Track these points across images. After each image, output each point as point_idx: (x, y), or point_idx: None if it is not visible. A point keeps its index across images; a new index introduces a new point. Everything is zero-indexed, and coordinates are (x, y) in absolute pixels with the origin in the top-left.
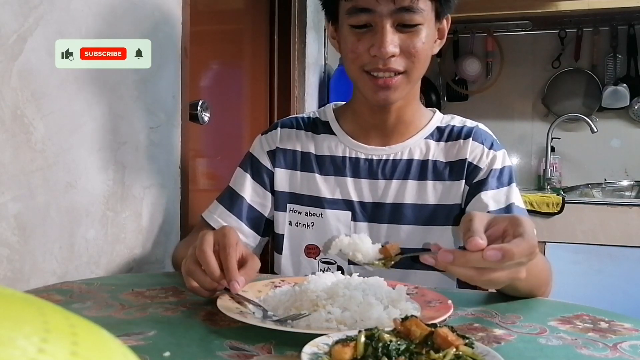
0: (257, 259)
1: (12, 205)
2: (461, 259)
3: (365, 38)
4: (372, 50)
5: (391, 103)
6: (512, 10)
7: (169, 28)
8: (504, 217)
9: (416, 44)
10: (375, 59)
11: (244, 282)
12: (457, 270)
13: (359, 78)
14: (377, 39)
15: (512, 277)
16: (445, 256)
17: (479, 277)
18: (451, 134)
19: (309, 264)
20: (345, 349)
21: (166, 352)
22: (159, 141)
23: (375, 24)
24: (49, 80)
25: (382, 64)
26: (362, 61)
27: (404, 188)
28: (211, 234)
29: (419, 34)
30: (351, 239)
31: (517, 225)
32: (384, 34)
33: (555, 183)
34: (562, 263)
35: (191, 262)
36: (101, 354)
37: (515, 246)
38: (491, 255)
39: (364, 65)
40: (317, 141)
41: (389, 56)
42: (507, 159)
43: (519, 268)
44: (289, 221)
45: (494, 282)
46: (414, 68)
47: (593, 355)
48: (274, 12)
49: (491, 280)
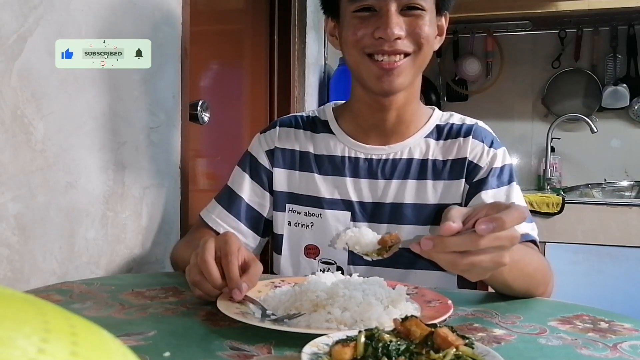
0: (259, 264)
1: (12, 205)
2: (440, 244)
3: (369, 22)
4: (377, 33)
5: (395, 91)
6: (512, 10)
7: (169, 28)
8: (484, 204)
9: (422, 27)
10: (380, 41)
11: (246, 288)
12: (439, 256)
13: (361, 63)
14: (382, 22)
15: (495, 261)
16: (425, 243)
17: (460, 261)
18: (450, 132)
19: (309, 264)
20: (345, 349)
21: (166, 352)
22: (159, 141)
23: (379, 9)
24: (49, 80)
25: (388, 45)
26: (364, 44)
27: (404, 188)
28: (212, 241)
29: (423, 17)
30: (353, 232)
31: (499, 204)
32: (390, 16)
33: (555, 183)
34: (562, 263)
35: (195, 272)
36: (101, 354)
37: (505, 215)
38: (484, 227)
39: (366, 48)
40: (316, 140)
41: (395, 38)
42: (507, 157)
43: (502, 252)
44: (288, 221)
45: (477, 266)
46: (421, 51)
47: (593, 356)
48: (274, 12)
49: (473, 264)
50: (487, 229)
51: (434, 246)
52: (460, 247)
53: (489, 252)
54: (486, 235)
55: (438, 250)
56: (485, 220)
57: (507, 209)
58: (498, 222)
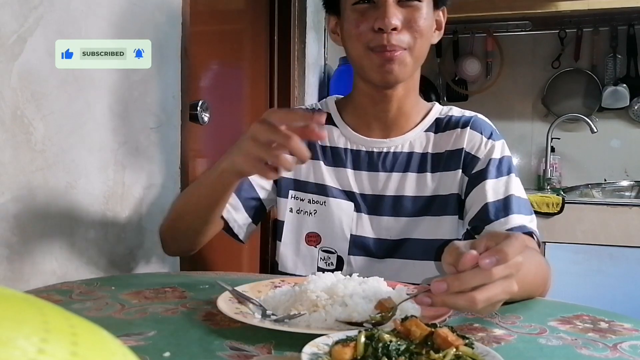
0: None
1: (12, 205)
2: (455, 282)
3: (368, 15)
4: (376, 24)
5: (395, 79)
6: (512, 10)
7: (169, 28)
8: (482, 237)
9: (418, 19)
10: (380, 35)
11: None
12: (456, 300)
13: (363, 56)
14: (380, 13)
15: (506, 291)
16: (439, 286)
17: (478, 297)
18: (449, 124)
19: (309, 252)
20: (345, 349)
21: (166, 352)
22: (159, 141)
23: (377, 0)
24: (49, 80)
25: (386, 40)
26: (366, 38)
27: (404, 181)
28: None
29: (420, 9)
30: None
31: (497, 235)
32: (387, 7)
33: (555, 183)
34: (562, 263)
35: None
36: (101, 354)
37: (506, 246)
38: (488, 262)
39: (369, 42)
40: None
41: (392, 28)
42: (506, 149)
43: (511, 281)
44: (290, 208)
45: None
46: (416, 44)
47: (593, 356)
48: (274, 12)
49: (490, 298)
50: (490, 263)
51: (448, 287)
52: (475, 281)
53: (499, 283)
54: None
55: (454, 289)
56: (488, 255)
57: (507, 239)
58: (501, 254)
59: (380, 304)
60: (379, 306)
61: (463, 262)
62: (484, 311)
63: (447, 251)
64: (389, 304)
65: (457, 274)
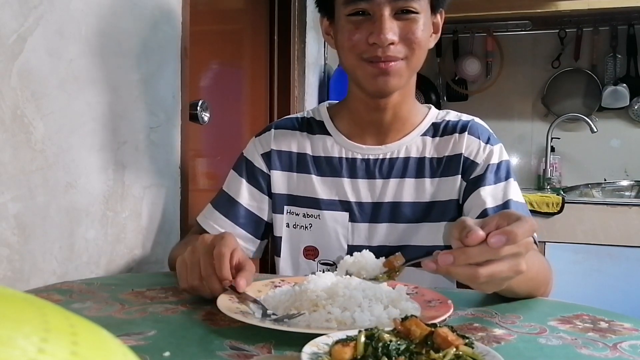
0: (253, 265)
1: (12, 205)
2: (462, 256)
3: (363, 27)
4: (371, 39)
5: (390, 90)
6: (512, 10)
7: (169, 28)
8: (494, 215)
9: (415, 32)
10: (374, 47)
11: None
12: (459, 271)
13: (357, 66)
14: (375, 27)
15: (513, 269)
16: (445, 258)
17: (481, 272)
18: (446, 129)
19: (308, 265)
20: (345, 349)
21: (166, 352)
22: (159, 141)
23: (373, 13)
24: (49, 80)
25: (382, 52)
26: (360, 49)
27: (402, 186)
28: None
29: (417, 21)
30: (355, 258)
31: (510, 215)
32: (383, 21)
33: (555, 183)
34: (562, 263)
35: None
36: (101, 353)
37: (516, 227)
38: (496, 241)
39: (362, 53)
40: (313, 141)
41: (388, 43)
42: (504, 153)
43: (519, 260)
44: (287, 223)
45: (496, 277)
46: (413, 55)
47: (593, 355)
48: (274, 12)
49: (494, 275)
50: (498, 241)
51: (454, 259)
52: (482, 257)
53: (506, 260)
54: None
55: (460, 263)
56: (498, 233)
57: (518, 220)
58: (510, 235)
59: (388, 261)
60: (388, 264)
61: (471, 238)
62: (489, 287)
63: (454, 226)
64: (397, 262)
65: (465, 247)
